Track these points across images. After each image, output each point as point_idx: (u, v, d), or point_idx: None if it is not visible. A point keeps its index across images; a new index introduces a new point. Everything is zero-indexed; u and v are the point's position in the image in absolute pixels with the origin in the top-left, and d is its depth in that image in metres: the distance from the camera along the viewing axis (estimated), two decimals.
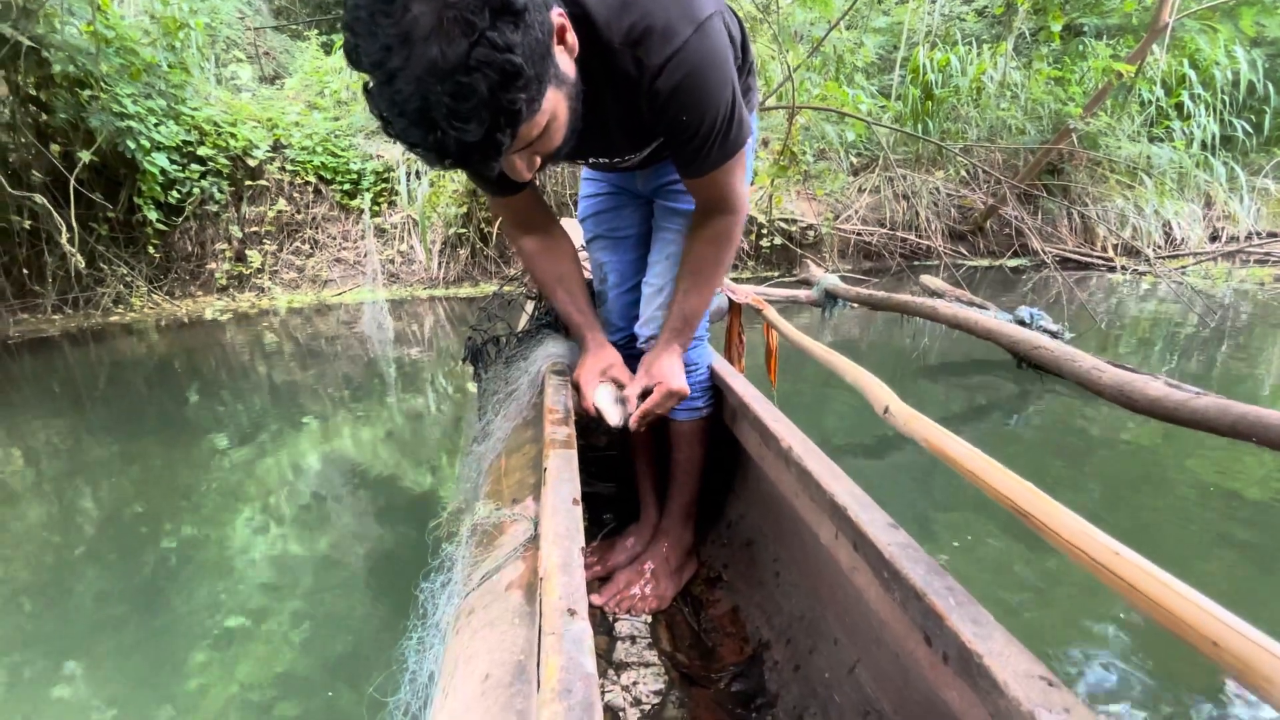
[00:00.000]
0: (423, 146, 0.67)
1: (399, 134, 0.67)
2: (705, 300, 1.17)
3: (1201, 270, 6.39)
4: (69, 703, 1.31)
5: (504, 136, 0.68)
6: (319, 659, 1.41)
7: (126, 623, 1.54)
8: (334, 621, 1.53)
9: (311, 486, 2.19)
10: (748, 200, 1.12)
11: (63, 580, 1.72)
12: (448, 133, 0.65)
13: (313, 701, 1.30)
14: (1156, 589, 0.51)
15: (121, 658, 1.42)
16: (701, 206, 1.09)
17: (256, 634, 1.49)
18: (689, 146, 0.94)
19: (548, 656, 0.56)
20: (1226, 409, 1.14)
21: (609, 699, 1.04)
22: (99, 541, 1.90)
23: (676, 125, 0.90)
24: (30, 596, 1.65)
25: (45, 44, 4.13)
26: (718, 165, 0.97)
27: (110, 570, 1.75)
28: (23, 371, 3.59)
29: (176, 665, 1.40)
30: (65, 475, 2.33)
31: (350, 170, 5.78)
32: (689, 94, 0.86)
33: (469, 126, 0.65)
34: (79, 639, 1.49)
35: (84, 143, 4.49)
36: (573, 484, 0.87)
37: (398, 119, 0.65)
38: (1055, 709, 0.50)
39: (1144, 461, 2.36)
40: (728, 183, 1.02)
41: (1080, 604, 1.55)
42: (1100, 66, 6.48)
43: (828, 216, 6.59)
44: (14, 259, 4.55)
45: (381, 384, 3.36)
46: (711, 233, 1.09)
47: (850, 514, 0.80)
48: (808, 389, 3.06)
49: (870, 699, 0.82)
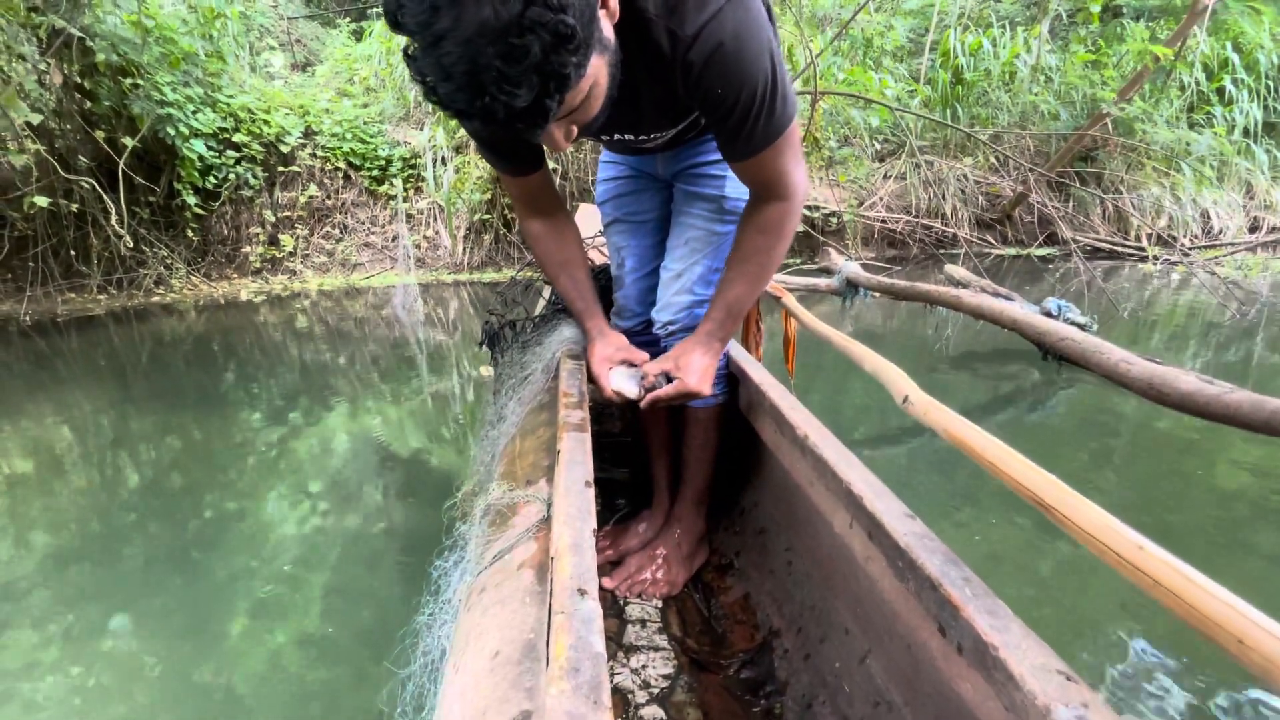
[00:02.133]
0: (468, 113, 0.65)
1: (443, 100, 0.64)
2: (753, 293, 1.10)
3: (1235, 261, 6.18)
4: (117, 654, 1.40)
5: (552, 102, 0.65)
6: (345, 628, 1.47)
7: (168, 585, 1.62)
8: (359, 593, 1.60)
9: (339, 463, 2.26)
10: (805, 185, 1.04)
11: (110, 544, 1.81)
12: (496, 98, 0.62)
13: (340, 668, 1.36)
14: (1182, 585, 0.50)
15: (165, 617, 1.51)
16: (754, 193, 1.04)
17: (287, 601, 1.56)
18: (729, 124, 0.89)
19: (557, 635, 0.56)
20: (1261, 404, 1.10)
21: (618, 681, 1.04)
22: (143, 510, 2.00)
23: (713, 99, 0.86)
24: (80, 558, 1.76)
25: (91, 34, 4.27)
26: (765, 146, 0.91)
27: (152, 538, 1.84)
28: (70, 347, 3.75)
29: (215, 627, 1.47)
30: (110, 446, 2.45)
31: (379, 156, 5.87)
32: (724, 64, 0.82)
33: (519, 91, 0.62)
34: (125, 598, 1.58)
35: (126, 129, 4.65)
36: (586, 467, 0.87)
37: (443, 83, 0.62)
38: (1073, 704, 0.49)
39: (1172, 458, 2.30)
40: (778, 165, 0.95)
41: (1103, 599, 1.52)
42: (1137, 49, 6.26)
43: (851, 203, 6.49)
44: (62, 241, 4.73)
45: (408, 366, 3.43)
46: (763, 221, 1.03)
47: (865, 502, 0.78)
48: (826, 380, 3.03)
49: (880, 689, 0.81)
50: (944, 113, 6.72)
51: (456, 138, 5.78)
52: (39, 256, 4.65)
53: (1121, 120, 6.46)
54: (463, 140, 5.82)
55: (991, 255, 6.32)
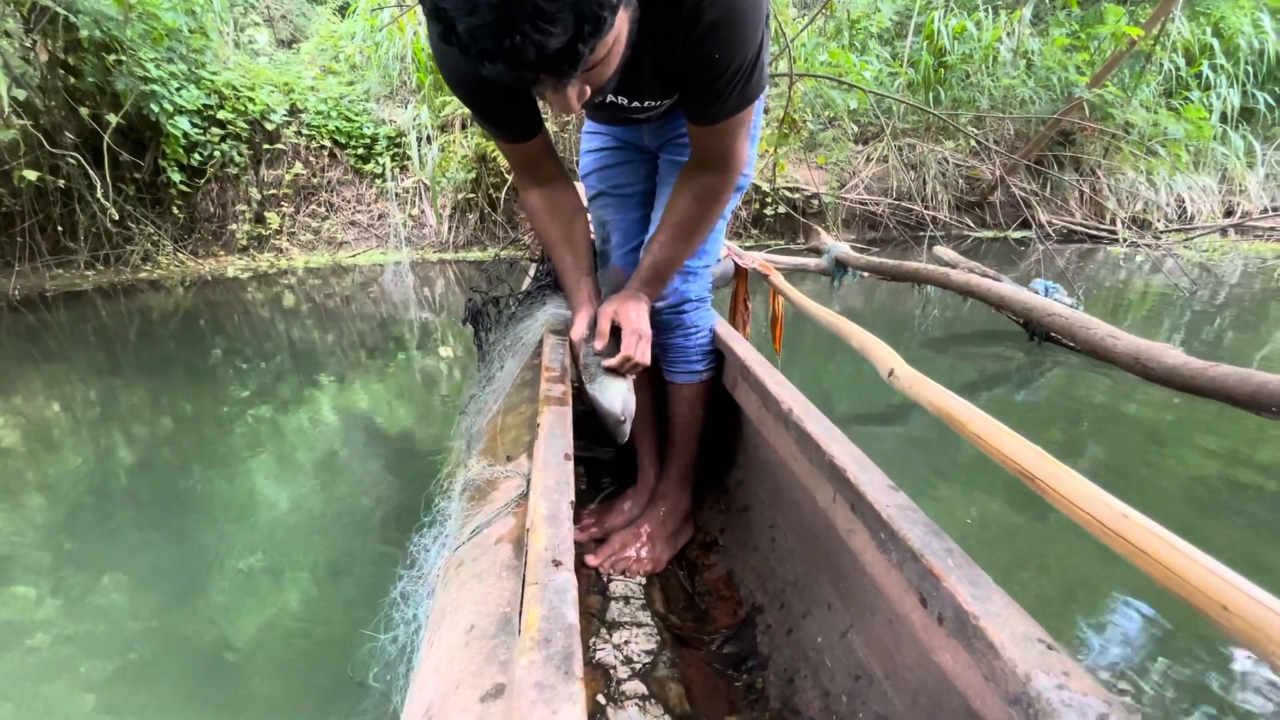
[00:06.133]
0: (494, 53, 0.59)
1: (466, 37, 0.58)
2: (681, 257, 1.11)
3: (1202, 244, 6.25)
4: (108, 610, 1.44)
5: (584, 47, 0.61)
6: (329, 595, 1.50)
7: (157, 550, 1.65)
8: (344, 561, 1.62)
9: (325, 438, 2.28)
10: (747, 165, 1.05)
11: (99, 512, 1.84)
12: (529, 35, 0.57)
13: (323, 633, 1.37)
14: (1166, 553, 0.49)
15: (154, 579, 1.54)
16: (697, 159, 1.03)
17: (274, 570, 1.58)
18: (712, 88, 0.88)
19: (529, 606, 0.55)
20: (1246, 378, 1.10)
21: (600, 657, 1.04)
22: (131, 480, 2.02)
23: (708, 63, 0.85)
24: (71, 525, 1.77)
25: (74, 10, 4.22)
26: (732, 113, 0.92)
27: (141, 506, 1.87)
28: (58, 322, 3.78)
29: (201, 592, 1.50)
30: (100, 419, 2.47)
31: (364, 135, 5.81)
32: (727, 29, 0.81)
33: (554, 29, 0.58)
34: (116, 561, 1.61)
35: (111, 106, 4.61)
36: (566, 440, 0.85)
37: (468, 18, 0.57)
38: (1053, 672, 0.48)
39: (1154, 434, 2.32)
40: (733, 137, 0.97)
41: (1087, 569, 1.53)
42: (1107, 30, 6.22)
43: (832, 185, 6.46)
44: (48, 217, 4.72)
45: (395, 343, 3.43)
46: (701, 188, 1.03)
47: (849, 475, 0.77)
48: (812, 358, 3.03)
49: (862, 663, 0.80)
50: (926, 96, 6.68)
51: (442, 116, 5.69)
52: (26, 232, 4.63)
53: (1099, 105, 6.45)
54: (447, 119, 5.73)
55: (970, 238, 6.34)
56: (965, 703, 0.58)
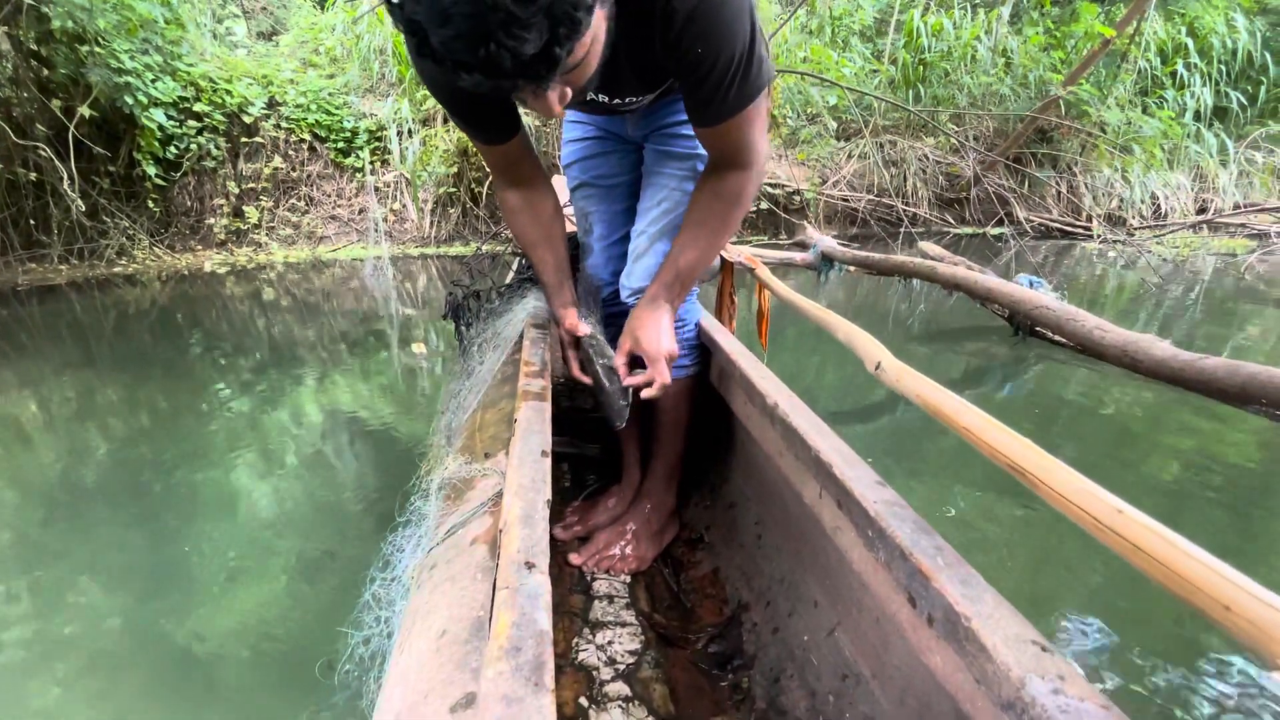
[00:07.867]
0: (469, 64, 0.58)
1: (440, 48, 0.57)
2: (705, 260, 1.07)
3: (1174, 240, 6.36)
4: (84, 607, 1.42)
5: (561, 50, 0.60)
6: (305, 592, 1.48)
7: (132, 546, 1.63)
8: (321, 557, 1.59)
9: (303, 434, 2.25)
10: (766, 154, 1.01)
11: (74, 508, 1.81)
12: (503, 44, 0.56)
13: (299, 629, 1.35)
14: (1164, 550, 0.47)
15: (128, 575, 1.52)
16: (715, 160, 1.00)
17: (249, 567, 1.55)
18: (705, 87, 0.85)
19: (500, 612, 0.52)
20: (1236, 370, 1.09)
21: (583, 658, 1.01)
22: (107, 475, 1.98)
23: (691, 59, 0.82)
24: (47, 521, 1.74)
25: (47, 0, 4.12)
26: (735, 111, 0.88)
27: (117, 503, 1.83)
28: (31, 317, 3.71)
29: (176, 586, 1.48)
30: (75, 415, 2.42)
31: (344, 128, 5.72)
32: (705, 21, 0.79)
33: (528, 35, 0.56)
34: (91, 558, 1.58)
35: (84, 97, 4.50)
36: (543, 436, 0.83)
37: (440, 29, 0.56)
38: (1048, 676, 0.46)
39: (1141, 429, 2.33)
40: (746, 133, 0.93)
41: (1080, 567, 1.51)
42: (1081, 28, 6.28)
43: (814, 181, 6.46)
44: (20, 211, 4.63)
45: (375, 338, 3.39)
46: (723, 188, 1.00)
47: (835, 470, 0.75)
48: (799, 352, 3.02)
49: (849, 662, 0.78)
50: (906, 93, 6.70)
51: (423, 110, 5.61)
52: None
53: (1075, 103, 6.50)
54: (428, 113, 5.66)
55: (949, 235, 6.39)
56: (955, 705, 0.56)
